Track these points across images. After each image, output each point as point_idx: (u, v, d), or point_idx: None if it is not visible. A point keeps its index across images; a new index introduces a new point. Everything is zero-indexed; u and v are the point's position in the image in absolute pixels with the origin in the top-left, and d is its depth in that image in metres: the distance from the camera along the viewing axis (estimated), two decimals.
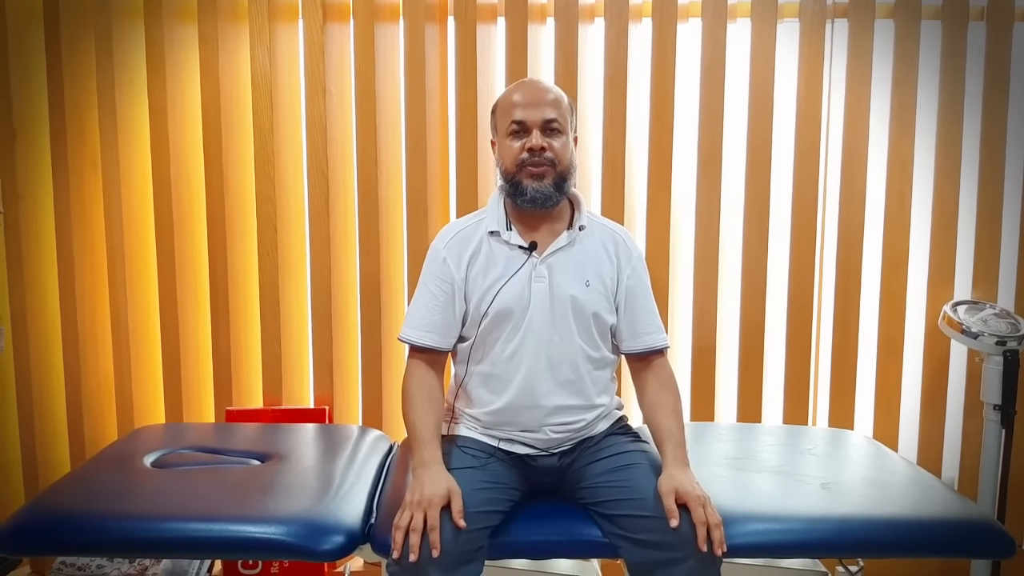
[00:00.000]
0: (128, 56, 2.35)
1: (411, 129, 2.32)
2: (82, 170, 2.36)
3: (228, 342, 2.37)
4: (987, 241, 2.36)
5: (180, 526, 1.46)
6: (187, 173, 2.39)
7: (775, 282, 2.39)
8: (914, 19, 2.30)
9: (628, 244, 1.70)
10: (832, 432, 2.11)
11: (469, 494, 1.43)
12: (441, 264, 1.63)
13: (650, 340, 1.67)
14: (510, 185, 1.61)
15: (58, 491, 1.60)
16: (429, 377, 1.62)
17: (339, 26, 2.35)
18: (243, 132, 2.38)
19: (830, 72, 2.36)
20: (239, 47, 2.36)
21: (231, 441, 1.95)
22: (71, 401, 2.39)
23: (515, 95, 1.62)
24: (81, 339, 2.37)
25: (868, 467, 1.81)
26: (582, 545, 1.52)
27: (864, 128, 2.33)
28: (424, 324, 1.63)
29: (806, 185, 2.34)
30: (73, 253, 2.35)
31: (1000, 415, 2.19)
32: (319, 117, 2.32)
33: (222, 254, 2.36)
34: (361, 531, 1.49)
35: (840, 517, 1.52)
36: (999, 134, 2.32)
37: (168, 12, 2.31)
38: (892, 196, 2.35)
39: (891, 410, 2.39)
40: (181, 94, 2.37)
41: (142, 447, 1.87)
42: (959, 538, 1.51)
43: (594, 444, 1.64)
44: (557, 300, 1.60)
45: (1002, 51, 2.30)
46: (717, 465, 1.80)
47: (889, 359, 2.38)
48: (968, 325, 2.18)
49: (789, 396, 2.39)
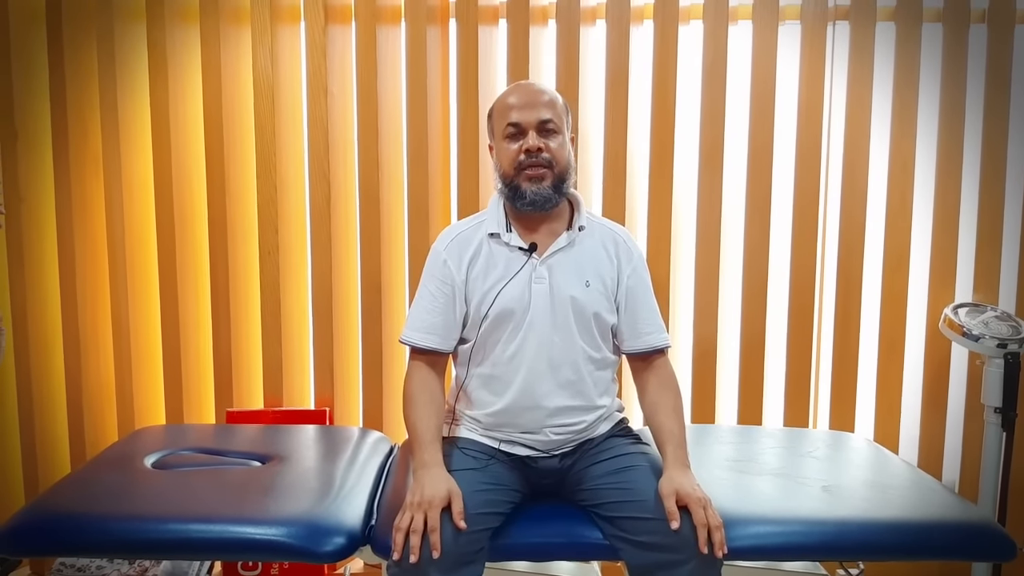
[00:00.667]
0: (130, 57, 2.36)
1: (412, 131, 2.32)
2: (84, 171, 2.36)
3: (229, 343, 2.37)
4: (988, 243, 2.35)
5: (180, 527, 1.46)
6: (188, 174, 2.39)
7: (776, 284, 2.39)
8: (915, 21, 2.30)
9: (628, 244, 1.70)
10: (833, 435, 2.11)
11: (469, 496, 1.43)
12: (441, 266, 1.63)
13: (651, 339, 1.67)
14: (509, 188, 1.61)
15: (58, 492, 1.60)
16: (430, 379, 1.62)
17: (341, 28, 2.36)
18: (245, 133, 2.39)
19: (831, 74, 2.36)
20: (241, 48, 2.36)
21: (232, 442, 1.95)
22: (72, 402, 2.39)
23: (510, 98, 1.62)
24: (82, 340, 2.37)
25: (869, 470, 1.81)
26: (583, 547, 1.52)
27: (865, 130, 2.33)
28: (425, 326, 1.63)
29: (807, 187, 2.34)
30: (74, 254, 2.35)
31: (1001, 418, 2.19)
32: (321, 118, 2.32)
33: (223, 255, 2.36)
34: (361, 533, 1.49)
35: (841, 520, 1.52)
36: (1000, 136, 2.32)
37: (170, 13, 2.31)
38: (893, 198, 2.35)
39: (892, 413, 2.39)
40: (183, 95, 2.37)
41: (142, 448, 1.88)
42: (959, 541, 1.51)
43: (595, 446, 1.64)
44: (557, 301, 1.60)
45: (1003, 53, 2.30)
46: (718, 467, 1.80)
47: (890, 361, 2.38)
48: (969, 328, 2.18)
49: (790, 398, 2.39)
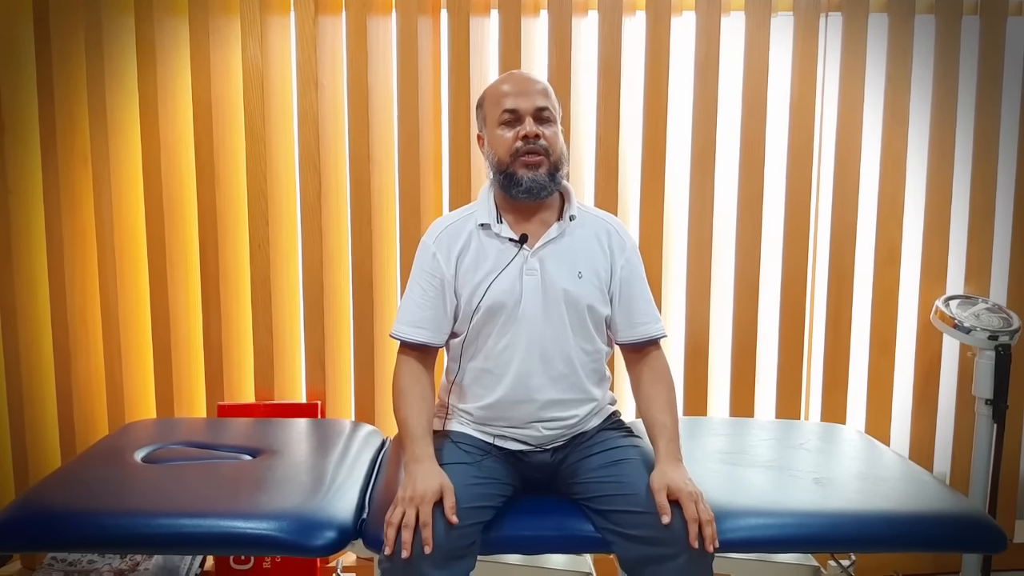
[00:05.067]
0: (118, 50, 2.33)
1: (404, 122, 2.31)
2: (72, 164, 2.34)
3: (220, 336, 2.36)
4: (980, 236, 2.36)
5: (171, 522, 1.45)
6: (178, 167, 2.38)
7: (768, 276, 2.39)
8: (908, 13, 2.30)
9: (621, 234, 1.69)
10: (824, 427, 2.11)
11: (462, 490, 1.43)
12: (431, 259, 1.62)
13: (647, 329, 1.66)
14: (504, 176, 1.60)
15: (48, 486, 1.59)
16: (420, 373, 1.61)
17: (331, 19, 2.34)
18: (234, 126, 2.37)
19: (824, 66, 2.36)
20: (230, 40, 2.34)
21: (222, 436, 1.94)
22: (61, 396, 2.38)
23: (504, 85, 1.61)
24: (71, 334, 2.36)
25: (860, 462, 1.82)
26: (574, 540, 1.52)
27: (858, 122, 2.33)
28: (415, 320, 1.62)
29: (800, 179, 2.34)
30: (63, 247, 2.33)
31: (992, 410, 2.20)
32: (311, 110, 2.31)
33: (213, 248, 2.35)
34: (353, 526, 1.49)
35: (832, 512, 1.52)
36: (992, 128, 2.32)
37: (159, 5, 2.29)
38: (885, 190, 2.35)
39: (883, 404, 2.40)
40: (172, 88, 2.35)
41: (133, 442, 1.86)
42: (950, 532, 1.51)
43: (587, 439, 1.64)
44: (549, 293, 1.59)
45: (996, 45, 2.30)
46: (710, 460, 1.80)
47: (881, 354, 2.39)
48: (960, 320, 2.18)
49: (782, 390, 2.39)
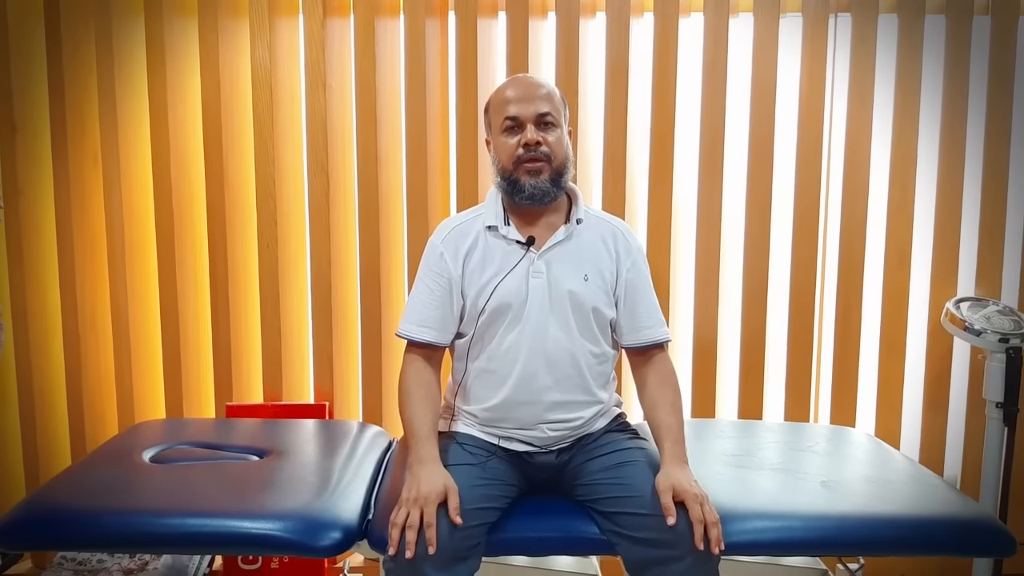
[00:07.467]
0: (128, 51, 2.35)
1: (411, 124, 2.31)
2: (82, 165, 2.36)
3: (228, 337, 2.37)
4: (991, 237, 2.34)
5: (179, 522, 1.46)
6: (187, 168, 2.39)
7: (777, 278, 2.38)
8: (918, 13, 2.28)
9: (627, 237, 1.69)
10: (833, 429, 2.10)
11: (466, 491, 1.43)
12: (438, 259, 1.63)
13: (651, 333, 1.66)
14: (507, 182, 1.60)
15: (57, 486, 1.60)
16: (426, 373, 1.62)
17: (339, 21, 2.34)
18: (243, 127, 2.38)
19: (833, 67, 2.35)
20: (239, 42, 2.35)
21: (230, 436, 1.95)
22: (72, 396, 2.40)
23: (507, 91, 1.61)
24: (82, 334, 2.37)
25: (869, 465, 1.81)
26: (580, 542, 1.52)
27: (867, 123, 2.31)
28: (421, 319, 1.62)
29: (808, 180, 2.33)
30: (73, 248, 2.35)
31: (1003, 413, 2.18)
32: (319, 112, 2.32)
33: (222, 249, 2.36)
34: (359, 527, 1.49)
35: (841, 515, 1.52)
36: (1003, 129, 2.30)
37: (168, 7, 2.30)
38: (895, 191, 2.34)
39: (893, 407, 2.38)
40: (181, 89, 2.36)
41: (141, 442, 1.87)
42: (960, 537, 1.50)
43: (592, 441, 1.63)
44: (555, 295, 1.59)
45: (1007, 45, 2.28)
46: (717, 462, 1.79)
47: (891, 356, 2.37)
48: (971, 322, 2.17)
49: (790, 393, 2.38)
